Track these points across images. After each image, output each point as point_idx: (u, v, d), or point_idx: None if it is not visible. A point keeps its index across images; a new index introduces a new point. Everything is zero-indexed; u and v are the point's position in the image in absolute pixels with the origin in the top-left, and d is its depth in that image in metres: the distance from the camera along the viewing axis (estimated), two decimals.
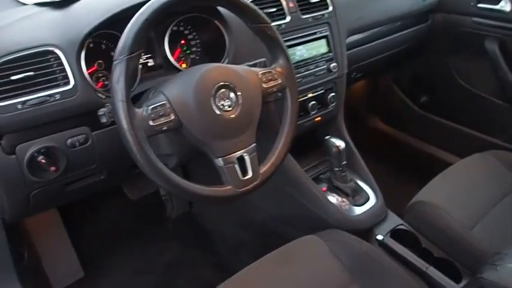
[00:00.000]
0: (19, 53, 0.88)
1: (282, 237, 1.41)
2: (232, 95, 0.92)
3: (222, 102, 0.90)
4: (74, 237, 1.50)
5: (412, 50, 1.84)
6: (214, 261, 1.58)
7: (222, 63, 1.14)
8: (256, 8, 0.98)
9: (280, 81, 1.00)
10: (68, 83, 0.92)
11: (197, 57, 1.21)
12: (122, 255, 1.58)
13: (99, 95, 0.97)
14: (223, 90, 0.91)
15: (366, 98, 2.20)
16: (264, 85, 0.98)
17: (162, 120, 0.84)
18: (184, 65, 1.18)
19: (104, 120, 0.88)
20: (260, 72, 0.99)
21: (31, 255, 1.37)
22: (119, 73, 0.81)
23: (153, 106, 0.84)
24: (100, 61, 1.05)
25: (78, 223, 1.54)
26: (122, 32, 1.04)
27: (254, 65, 1.11)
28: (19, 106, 0.86)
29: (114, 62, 0.82)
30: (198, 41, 1.21)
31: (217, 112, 0.89)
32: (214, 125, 0.89)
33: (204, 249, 1.61)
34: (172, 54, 1.15)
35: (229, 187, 0.91)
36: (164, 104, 0.85)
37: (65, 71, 0.92)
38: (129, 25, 0.83)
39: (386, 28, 1.65)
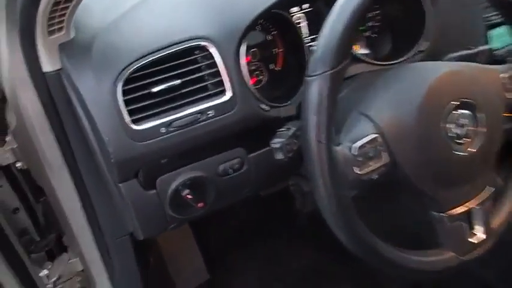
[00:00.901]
0: (160, 53, 0.62)
1: None
2: (470, 116, 0.59)
3: (455, 130, 0.58)
4: (199, 238, 1.32)
5: None
6: (358, 272, 1.31)
7: (418, 49, 0.79)
8: None
9: None
10: (223, 92, 0.65)
11: (374, 35, 0.87)
12: (249, 257, 1.38)
13: (262, 106, 0.69)
14: (460, 111, 0.58)
15: None
16: (508, 95, 0.64)
17: (372, 165, 0.55)
18: (356, 47, 0.85)
19: (279, 156, 0.60)
20: (505, 75, 0.64)
21: (157, 260, 1.21)
22: (318, 97, 0.51)
23: (360, 144, 0.54)
24: (254, 49, 0.76)
25: (204, 222, 1.35)
26: (285, 8, 0.75)
27: (473, 56, 0.75)
28: (163, 130, 0.62)
29: (309, 79, 0.52)
30: (377, 11, 0.86)
31: (452, 146, 0.57)
32: (445, 166, 0.58)
33: (345, 255, 1.35)
34: None
35: (451, 254, 0.61)
36: (375, 138, 0.55)
37: (220, 76, 0.64)
38: (330, 20, 0.52)
39: None
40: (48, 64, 0.65)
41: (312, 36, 0.79)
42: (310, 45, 0.78)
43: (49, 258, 1.03)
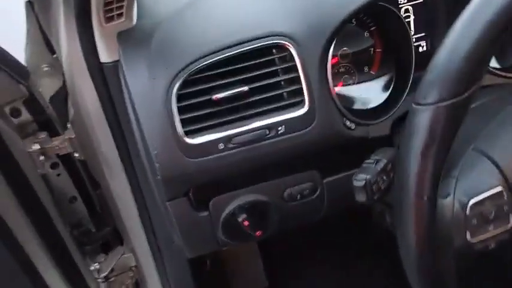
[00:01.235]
0: (228, 52, 0.51)
1: None
2: None
3: None
4: (261, 242, 1.22)
5: None
6: None
7: None
8: None
9: None
10: (300, 104, 0.52)
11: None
12: (313, 267, 1.26)
13: (347, 123, 0.55)
14: None
15: None
16: None
17: (491, 230, 0.40)
18: None
19: (361, 198, 0.47)
20: None
21: (214, 263, 1.14)
22: (427, 136, 0.37)
23: (478, 199, 0.39)
24: (345, 48, 0.63)
25: None
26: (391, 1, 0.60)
27: None
28: (221, 145, 0.51)
29: (417, 108, 0.38)
30: None
31: None
32: None
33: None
34: None
35: None
36: (499, 193, 0.40)
37: (299, 83, 0.52)
38: (463, 21, 0.37)
39: None
40: (105, 54, 0.57)
41: (419, 35, 0.64)
42: (418, 46, 0.63)
43: (104, 250, 0.99)
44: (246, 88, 0.50)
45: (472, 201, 0.39)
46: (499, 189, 0.40)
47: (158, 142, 0.50)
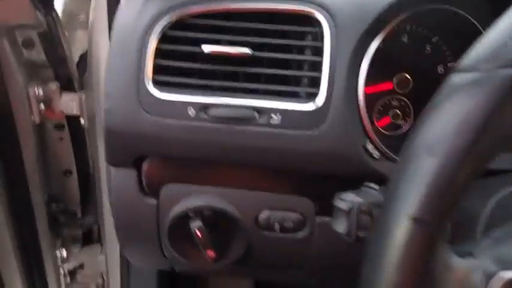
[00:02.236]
0: (246, 5, 0.40)
1: None
2: None
3: None
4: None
5: None
6: None
7: None
8: None
9: None
10: (312, 96, 0.40)
11: None
12: None
13: (370, 147, 0.41)
14: None
15: None
16: None
17: None
18: None
19: (341, 228, 0.31)
20: None
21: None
22: (464, 118, 0.22)
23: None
24: (403, 74, 0.48)
25: None
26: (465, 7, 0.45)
27: None
28: (192, 112, 0.39)
29: (456, 77, 0.23)
30: None
31: None
32: None
33: None
34: None
35: None
36: None
37: (319, 70, 0.39)
38: None
39: None
40: None
41: None
42: None
43: (85, 243, 0.88)
44: (248, 51, 0.39)
45: (503, 275, 0.22)
46: None
47: (117, 80, 0.39)
